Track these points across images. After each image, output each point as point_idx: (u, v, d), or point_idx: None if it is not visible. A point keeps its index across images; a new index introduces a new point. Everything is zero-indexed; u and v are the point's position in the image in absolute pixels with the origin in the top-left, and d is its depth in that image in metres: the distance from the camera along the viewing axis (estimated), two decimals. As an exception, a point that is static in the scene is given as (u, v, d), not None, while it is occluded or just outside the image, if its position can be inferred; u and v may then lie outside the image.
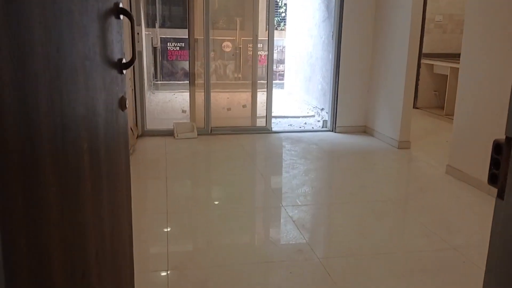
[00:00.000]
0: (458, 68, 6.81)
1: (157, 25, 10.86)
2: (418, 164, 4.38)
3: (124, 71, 1.45)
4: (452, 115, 4.12)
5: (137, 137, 5.02)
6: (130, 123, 4.76)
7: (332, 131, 5.68)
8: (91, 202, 1.10)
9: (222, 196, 3.57)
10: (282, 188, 3.69)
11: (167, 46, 10.93)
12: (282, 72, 10.12)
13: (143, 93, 5.09)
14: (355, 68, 5.50)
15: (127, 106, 1.42)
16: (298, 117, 6.92)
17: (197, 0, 5.33)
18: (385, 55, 5.15)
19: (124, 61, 1.45)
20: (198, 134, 5.24)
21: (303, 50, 7.64)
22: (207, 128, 5.38)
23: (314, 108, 7.07)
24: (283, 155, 4.59)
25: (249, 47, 6.94)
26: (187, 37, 5.54)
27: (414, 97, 7.24)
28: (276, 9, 7.00)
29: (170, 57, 10.89)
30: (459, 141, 3.93)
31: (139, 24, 4.90)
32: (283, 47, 10.73)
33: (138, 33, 4.90)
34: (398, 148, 4.85)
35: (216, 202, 3.45)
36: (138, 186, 3.63)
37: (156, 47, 10.43)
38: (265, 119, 5.60)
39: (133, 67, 4.95)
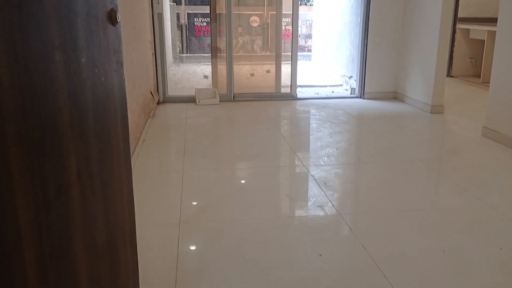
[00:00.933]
0: (495, 31, 6.41)
1: (183, 1, 10.72)
2: (451, 127, 4.10)
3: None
4: (489, 82, 3.83)
5: (158, 103, 4.92)
6: (151, 87, 4.65)
7: (360, 97, 5.43)
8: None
9: (241, 156, 3.42)
10: (305, 149, 3.51)
11: (194, 21, 10.80)
12: (310, 47, 9.83)
13: (163, 58, 4.97)
14: (385, 31, 5.20)
15: (118, 20, 1.27)
16: (325, 86, 6.67)
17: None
18: (416, 17, 4.84)
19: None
20: (220, 101, 5.09)
21: (331, 18, 7.34)
22: (229, 95, 5.22)
23: (342, 77, 6.80)
24: (308, 119, 4.40)
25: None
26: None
27: (449, 65, 6.88)
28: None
29: (198, 33, 10.77)
30: (496, 101, 3.63)
31: (160, -13, 4.75)
32: (311, 21, 10.42)
33: (157, -7, 4.75)
34: (430, 113, 4.57)
35: (235, 161, 3.31)
36: (156, 146, 3.52)
37: (182, 24, 10.32)
38: (290, 88, 5.40)
39: (153, 30, 4.83)
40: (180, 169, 3.00)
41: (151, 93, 4.48)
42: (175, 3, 9.91)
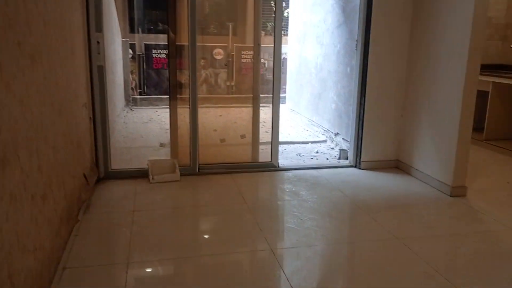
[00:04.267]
0: (502, 83, 5.61)
1: (140, 30, 9.56)
2: (492, 227, 3.09)
3: None
4: (493, 140, 2.88)
5: (96, 181, 3.70)
6: (87, 164, 3.44)
7: (355, 166, 4.40)
8: None
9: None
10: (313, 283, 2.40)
11: (152, 53, 9.60)
12: (283, 87, 8.83)
13: (105, 120, 3.78)
14: (386, 86, 4.23)
15: None
16: (307, 142, 5.65)
17: (181, 2, 4.05)
18: (428, 69, 3.89)
19: None
20: (181, 175, 3.94)
21: (311, 61, 6.38)
22: (193, 166, 4.07)
23: (325, 132, 5.80)
24: (301, 211, 3.29)
25: (244, 54, 5.75)
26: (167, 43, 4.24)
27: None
28: (270, 13, 5.75)
29: (156, 65, 9.58)
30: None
31: (100, 30, 3.60)
32: (285, 54, 9.48)
33: (98, 42, 3.59)
34: (450, 196, 3.58)
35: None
36: (82, 280, 2.30)
37: (140, 54, 9.14)
38: (270, 152, 4.31)
39: (91, 87, 3.65)
40: None
41: (85, 176, 3.27)
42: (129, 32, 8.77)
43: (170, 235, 2.88)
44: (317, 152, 5.15)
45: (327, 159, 4.86)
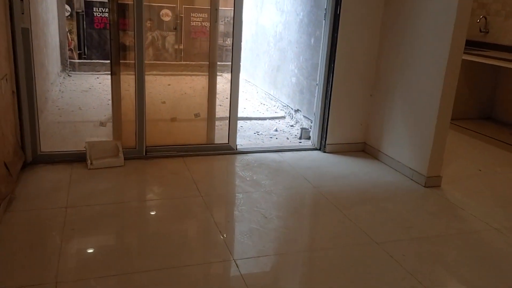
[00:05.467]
0: (465, 60, 5.30)
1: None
2: (474, 227, 2.83)
3: None
4: (457, 119, 2.62)
5: (21, 168, 3.10)
6: (8, 149, 2.83)
7: (320, 149, 4.04)
8: None
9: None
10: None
11: (92, 11, 8.65)
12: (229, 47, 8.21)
13: (33, 94, 3.15)
14: (355, 62, 3.85)
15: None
16: (265, 119, 5.23)
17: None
18: (404, 45, 3.53)
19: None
20: (125, 159, 3.41)
21: (269, 29, 5.87)
22: (139, 149, 3.54)
23: (284, 107, 5.39)
24: (264, 206, 2.89)
25: (194, 17, 5.19)
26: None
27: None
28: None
29: (98, 25, 8.66)
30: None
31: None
32: (229, 18, 8.83)
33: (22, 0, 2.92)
34: (425, 187, 3.31)
35: None
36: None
37: (79, 12, 8.19)
38: (226, 131, 3.85)
39: (14, 54, 2.99)
40: None
41: (5, 165, 2.67)
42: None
43: (110, 243, 2.39)
44: (276, 130, 4.75)
45: (288, 138, 4.47)
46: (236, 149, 3.84)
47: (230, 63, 3.79)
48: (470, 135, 4.71)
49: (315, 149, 4.05)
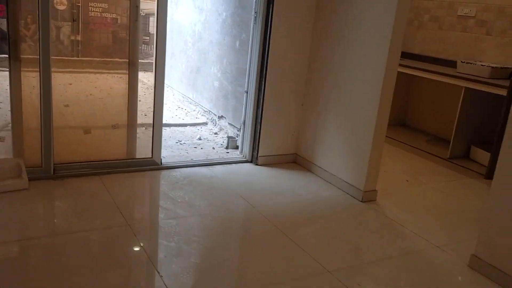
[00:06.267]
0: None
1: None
2: (417, 245, 2.77)
3: None
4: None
5: None
6: None
7: (251, 161, 3.80)
8: None
9: None
10: None
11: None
12: (147, 43, 7.66)
13: None
14: (286, 69, 3.67)
15: None
16: (186, 125, 4.87)
17: None
18: (338, 53, 3.41)
19: None
20: (30, 179, 2.87)
21: (186, 27, 5.50)
22: (46, 167, 3.01)
23: (206, 112, 5.08)
24: (202, 234, 2.57)
25: (92, 7, 4.69)
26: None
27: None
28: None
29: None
30: (498, 215, 2.43)
31: None
32: (143, 12, 8.26)
33: None
34: (362, 202, 3.23)
35: None
36: None
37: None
38: (147, 143, 3.45)
39: None
40: None
41: None
42: None
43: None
44: (200, 139, 4.42)
45: (213, 148, 4.17)
46: (161, 163, 3.46)
47: (153, 60, 3.39)
48: (389, 143, 4.79)
49: (247, 161, 3.80)
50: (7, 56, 3.11)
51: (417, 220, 3.04)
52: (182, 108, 5.53)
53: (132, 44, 3.30)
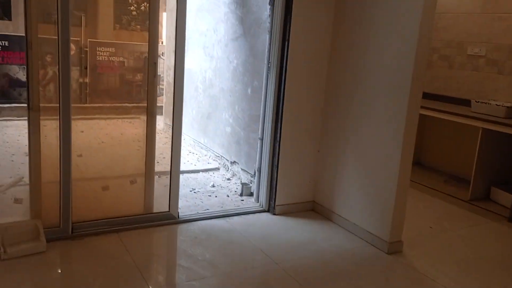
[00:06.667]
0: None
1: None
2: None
3: None
4: None
5: None
6: None
7: (269, 211, 3.72)
8: None
9: None
10: None
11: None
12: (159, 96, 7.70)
13: None
14: (302, 116, 3.64)
15: None
16: (198, 171, 4.81)
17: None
18: (355, 100, 3.39)
19: None
20: (48, 240, 2.79)
21: (196, 73, 5.53)
22: (64, 227, 2.94)
23: (218, 157, 5.04)
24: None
25: (100, 51, 4.77)
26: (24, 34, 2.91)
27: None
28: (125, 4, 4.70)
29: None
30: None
31: None
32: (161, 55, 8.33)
33: None
34: (388, 254, 3.13)
35: None
36: None
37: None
38: (168, 197, 3.37)
39: None
40: None
41: None
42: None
43: None
44: (213, 186, 4.36)
45: (228, 196, 4.11)
46: (178, 217, 3.38)
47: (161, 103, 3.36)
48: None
49: (264, 210, 3.73)
50: (18, 105, 3.07)
51: (447, 273, 2.93)
52: (193, 153, 5.49)
53: (151, 96, 3.28)
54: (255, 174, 4.01)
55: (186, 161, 5.16)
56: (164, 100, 6.38)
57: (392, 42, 3.05)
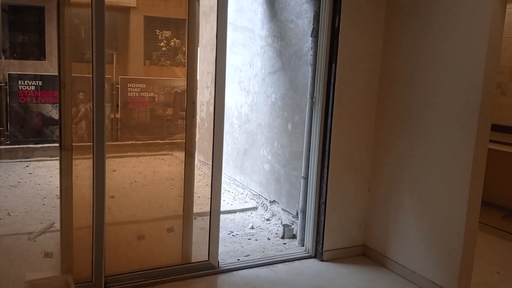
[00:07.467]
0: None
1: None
2: None
3: None
4: None
5: None
6: None
7: (315, 256, 3.40)
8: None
9: None
10: None
11: (18, 84, 7.70)
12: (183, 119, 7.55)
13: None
14: (350, 155, 3.36)
15: None
16: (235, 211, 4.55)
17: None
18: (411, 133, 3.09)
19: None
20: (79, 297, 2.56)
21: (231, 108, 5.34)
22: (97, 281, 2.70)
23: (255, 196, 4.77)
24: None
25: (130, 87, 4.66)
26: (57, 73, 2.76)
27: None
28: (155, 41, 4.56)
29: (23, 99, 7.67)
30: None
31: None
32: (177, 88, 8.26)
33: None
34: (456, 307, 2.75)
35: None
36: None
37: (1, 85, 7.21)
38: (207, 243, 3.11)
39: None
40: None
41: None
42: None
43: None
44: (252, 228, 4.08)
45: (269, 239, 3.82)
46: (218, 266, 3.10)
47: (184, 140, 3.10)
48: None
49: (310, 256, 3.41)
50: (50, 144, 2.91)
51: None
52: (229, 191, 5.25)
53: (189, 136, 3.06)
54: (297, 214, 3.72)
55: (222, 200, 4.89)
56: (198, 136, 6.20)
57: (452, 74, 2.77)
